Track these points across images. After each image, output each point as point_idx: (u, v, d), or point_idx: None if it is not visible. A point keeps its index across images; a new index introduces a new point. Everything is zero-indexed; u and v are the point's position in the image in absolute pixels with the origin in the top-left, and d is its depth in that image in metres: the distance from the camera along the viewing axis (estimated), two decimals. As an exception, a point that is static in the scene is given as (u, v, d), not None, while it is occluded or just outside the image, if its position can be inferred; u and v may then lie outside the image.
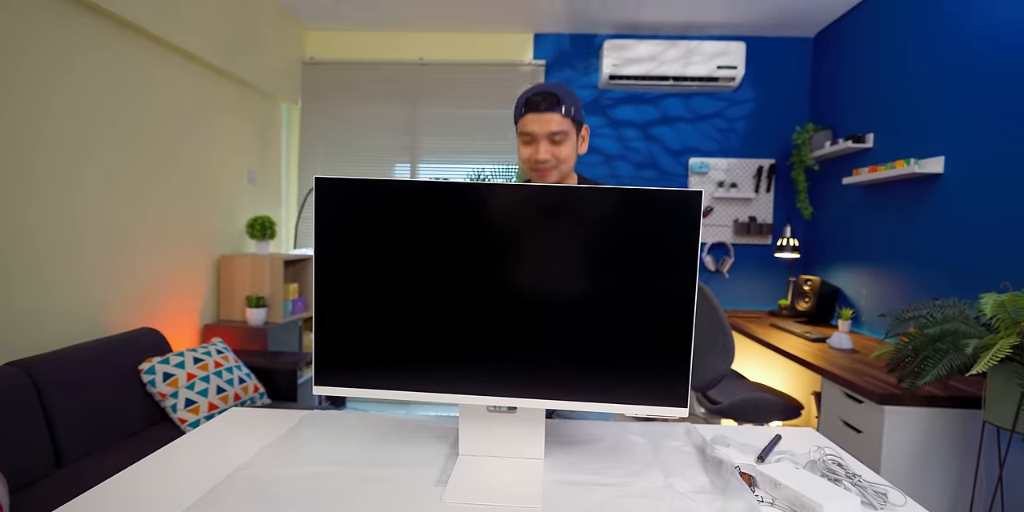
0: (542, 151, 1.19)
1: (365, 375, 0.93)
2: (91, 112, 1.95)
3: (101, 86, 1.99)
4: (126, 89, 2.10)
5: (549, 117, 1.17)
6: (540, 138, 1.19)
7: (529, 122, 1.19)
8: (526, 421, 0.97)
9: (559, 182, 1.24)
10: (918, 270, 2.29)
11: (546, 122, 1.17)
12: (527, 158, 1.21)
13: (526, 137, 1.20)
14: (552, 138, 1.18)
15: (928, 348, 1.40)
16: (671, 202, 0.86)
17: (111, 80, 2.03)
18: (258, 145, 3.10)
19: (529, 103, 1.19)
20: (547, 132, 1.18)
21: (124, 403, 1.78)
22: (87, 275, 1.94)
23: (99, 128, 1.99)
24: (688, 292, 0.88)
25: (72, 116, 1.88)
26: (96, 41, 1.96)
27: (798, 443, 1.12)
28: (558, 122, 1.18)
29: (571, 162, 1.23)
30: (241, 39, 2.73)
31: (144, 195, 2.22)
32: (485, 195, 0.89)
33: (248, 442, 1.03)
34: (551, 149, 1.19)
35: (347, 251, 0.91)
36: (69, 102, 1.86)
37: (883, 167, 2.39)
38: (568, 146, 1.20)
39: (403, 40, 3.39)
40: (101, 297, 2.00)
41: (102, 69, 1.99)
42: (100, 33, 1.98)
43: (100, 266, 2.00)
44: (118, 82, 2.06)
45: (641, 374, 0.90)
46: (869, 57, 2.72)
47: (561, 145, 1.19)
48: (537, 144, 1.19)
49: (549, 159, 1.19)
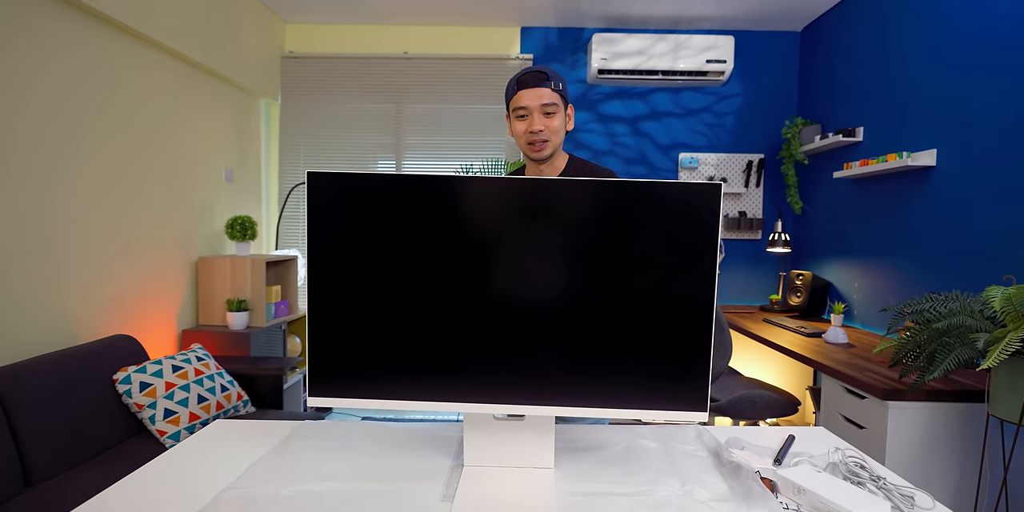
0: (536, 122, 1.26)
1: (363, 384, 0.87)
2: (61, 110, 1.84)
3: (72, 82, 1.88)
4: (97, 85, 1.99)
5: (540, 91, 1.26)
6: (534, 111, 1.26)
7: (523, 97, 1.26)
8: (535, 428, 0.91)
9: (552, 156, 1.31)
10: (911, 264, 2.29)
11: (538, 95, 1.25)
12: (522, 132, 1.28)
13: (520, 112, 1.28)
14: (544, 110, 1.26)
15: (934, 343, 1.38)
16: (689, 196, 0.81)
17: (82, 76, 1.92)
18: (236, 142, 2.99)
19: (521, 81, 1.27)
20: (540, 104, 1.25)
21: (98, 416, 1.68)
22: (55, 280, 1.83)
23: (68, 126, 1.87)
24: (707, 291, 0.83)
25: (40, 114, 1.76)
26: (67, 35, 1.85)
27: (812, 443, 1.08)
28: (549, 95, 1.26)
29: (562, 135, 1.31)
30: (218, 33, 2.62)
31: (117, 195, 2.11)
32: (491, 189, 0.83)
33: (236, 458, 0.96)
34: (544, 121, 1.26)
35: (343, 251, 0.84)
36: (37, 100, 1.75)
37: (874, 161, 2.38)
38: (559, 119, 1.28)
39: (387, 34, 3.30)
40: (71, 303, 1.89)
41: (72, 64, 1.88)
42: (71, 26, 1.86)
43: (70, 270, 1.89)
44: (89, 77, 1.95)
45: (658, 377, 0.85)
46: (857, 50, 2.72)
47: (553, 117, 1.27)
48: (531, 117, 1.27)
49: (544, 129, 1.26)
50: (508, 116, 1.34)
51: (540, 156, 1.29)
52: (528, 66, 1.25)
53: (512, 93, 1.29)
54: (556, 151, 1.32)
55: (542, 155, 1.29)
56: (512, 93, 1.29)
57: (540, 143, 1.28)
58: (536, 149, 1.28)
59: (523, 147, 1.31)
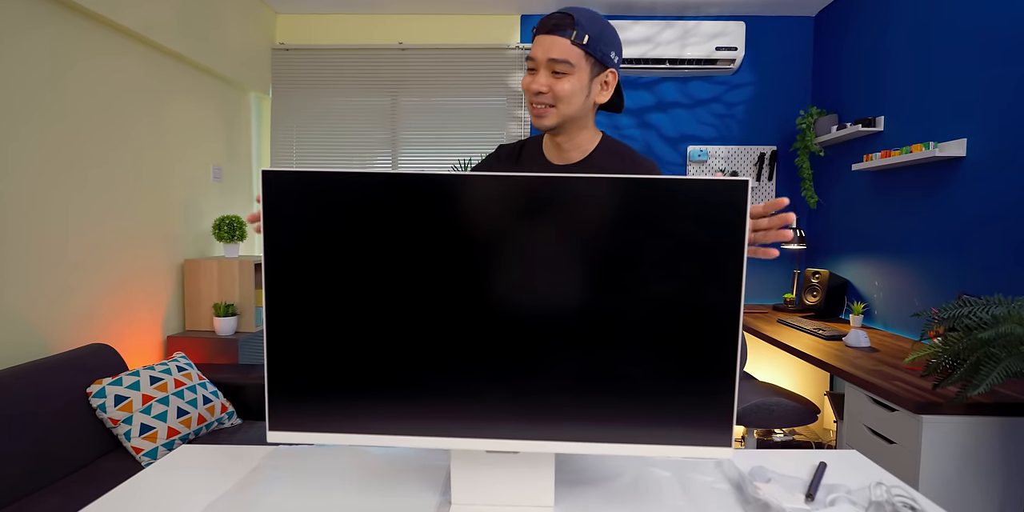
0: (540, 80, 0.98)
1: (333, 416, 0.75)
2: (27, 104, 1.72)
3: (36, 73, 1.75)
4: (67, 76, 1.87)
5: (554, 40, 0.96)
6: (541, 65, 0.98)
7: (535, 45, 0.99)
8: (532, 463, 0.79)
9: (559, 128, 1.03)
10: (938, 262, 2.14)
11: (549, 46, 0.96)
12: (525, 87, 1.02)
13: (530, 62, 1.00)
14: (553, 67, 0.97)
15: (977, 352, 1.24)
16: (710, 194, 0.68)
17: (48, 66, 1.79)
18: (224, 138, 2.87)
19: (541, 22, 0.99)
20: (547, 58, 0.96)
21: (70, 432, 1.57)
22: (23, 285, 1.72)
23: (37, 122, 1.75)
24: (732, 306, 0.70)
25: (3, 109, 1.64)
26: (29, 22, 1.72)
27: (846, 472, 0.95)
28: (562, 48, 0.96)
29: (575, 104, 1.00)
30: (203, 24, 2.49)
31: (94, 195, 1.99)
32: (475, 188, 0.70)
33: (197, 493, 0.84)
34: (550, 81, 0.98)
35: (307, 261, 0.72)
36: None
37: (897, 152, 2.24)
38: (571, 82, 0.97)
39: (381, 23, 3.16)
40: (42, 310, 1.78)
41: (37, 54, 1.75)
42: (34, 13, 1.74)
43: (39, 275, 1.77)
44: (45, 62, 1.82)
45: (675, 407, 0.73)
46: (876, 36, 2.56)
47: (563, 79, 0.97)
48: (537, 72, 0.99)
49: (546, 92, 0.98)
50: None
51: (540, 124, 1.03)
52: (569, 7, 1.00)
53: (531, 36, 1.03)
54: (568, 123, 1.03)
55: (542, 123, 1.02)
56: (531, 36, 1.03)
57: (541, 107, 1.00)
58: (536, 113, 1.02)
59: (529, 107, 1.05)
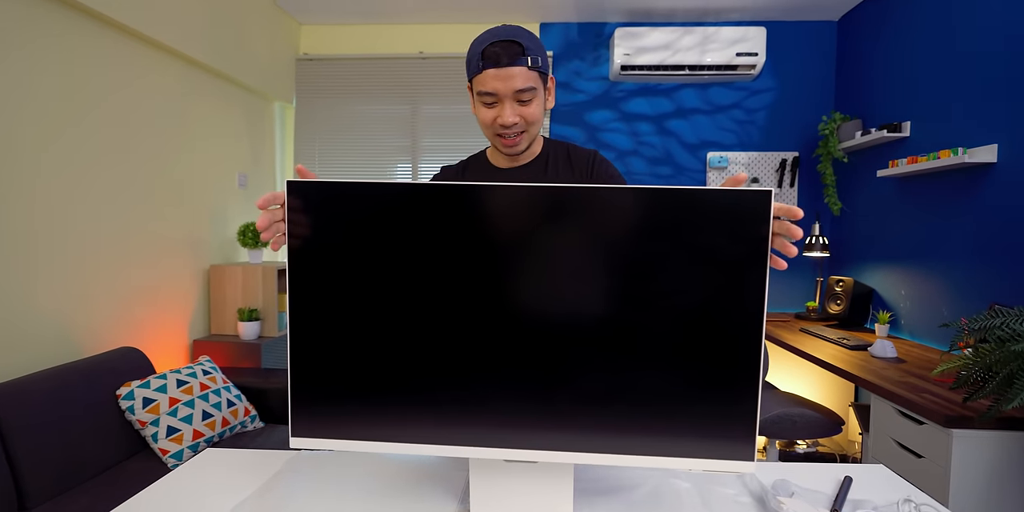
0: (508, 113, 0.98)
1: (354, 423, 0.76)
2: (61, 114, 1.78)
3: (75, 85, 1.82)
4: (101, 88, 1.93)
5: (514, 72, 0.96)
6: (505, 98, 0.98)
7: (490, 79, 0.97)
8: (551, 473, 0.79)
9: (528, 147, 1.07)
10: (968, 271, 2.09)
11: (510, 78, 0.96)
12: (490, 122, 1.01)
13: (487, 97, 0.99)
14: (519, 97, 0.98)
15: (1011, 365, 1.21)
16: (733, 204, 0.68)
17: (85, 79, 1.86)
18: (250, 147, 2.93)
19: (488, 55, 0.96)
20: (513, 90, 0.97)
21: (99, 434, 1.61)
22: (57, 290, 1.78)
23: (71, 131, 1.82)
24: (754, 318, 0.69)
25: (38, 118, 1.71)
26: (68, 36, 1.79)
27: (873, 487, 0.93)
28: (524, 77, 0.97)
29: (541, 123, 1.05)
30: (230, 36, 2.56)
31: (125, 202, 2.05)
32: (495, 198, 0.71)
33: (220, 496, 0.87)
34: (519, 110, 0.99)
35: (329, 271, 0.73)
36: (38, 103, 1.69)
37: (924, 158, 2.19)
38: (537, 105, 1.01)
39: (402, 33, 3.21)
40: (74, 315, 1.83)
41: (73, 67, 1.82)
42: (72, 28, 1.81)
43: (73, 280, 1.83)
44: (92, 80, 1.89)
45: (694, 420, 0.72)
46: (903, 39, 2.52)
47: (529, 104, 0.99)
48: (502, 105, 0.99)
49: (518, 121, 1.00)
50: (470, 89, 1.04)
51: (514, 152, 1.05)
52: (495, 27, 1.01)
53: (475, 70, 0.98)
54: (534, 139, 1.08)
55: (516, 150, 1.05)
56: (475, 70, 0.98)
57: (514, 137, 1.02)
58: (508, 144, 1.03)
59: (490, 138, 1.06)
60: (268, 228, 0.73)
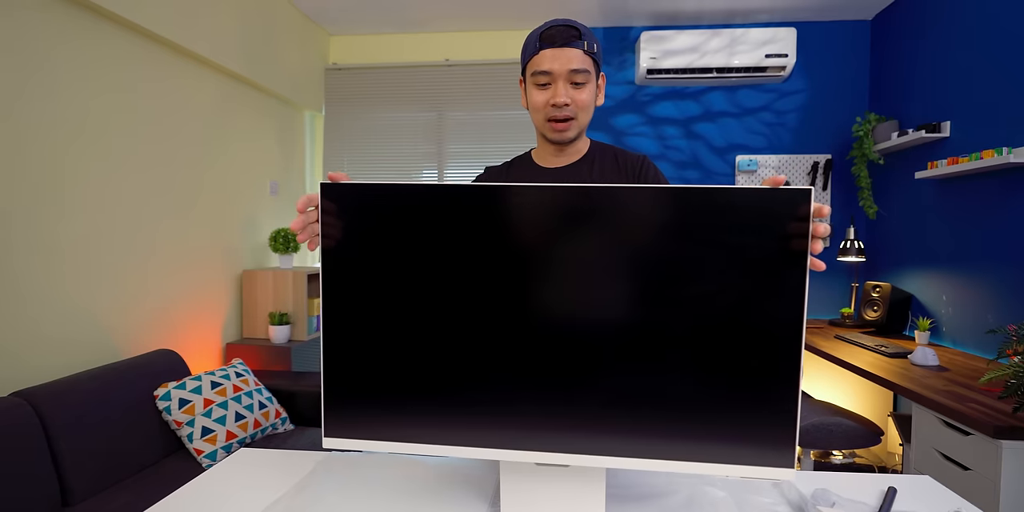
0: (561, 92, 0.99)
1: (386, 424, 0.76)
2: (102, 123, 1.86)
3: (120, 99, 1.90)
4: (144, 100, 2.01)
5: (570, 53, 0.98)
6: (559, 78, 0.99)
7: (546, 59, 0.99)
8: (582, 477, 0.78)
9: (576, 139, 1.07)
10: (1014, 275, 2.00)
11: (567, 58, 0.98)
12: (542, 105, 1.01)
13: (541, 77, 1.00)
14: (573, 78, 0.99)
15: (1065, 374, 1.15)
16: (771, 203, 0.67)
17: (130, 92, 1.94)
18: (281, 155, 3.00)
19: (545, 37, 0.99)
20: (568, 70, 0.98)
21: (138, 433, 1.66)
22: (98, 294, 1.84)
23: (110, 140, 1.90)
24: (795, 321, 0.68)
25: (80, 127, 1.79)
26: (110, 49, 1.87)
27: (918, 498, 0.89)
28: (581, 59, 0.98)
29: (590, 113, 1.04)
30: (262, 47, 2.64)
31: (161, 209, 2.12)
32: (529, 199, 0.71)
33: (254, 495, 0.88)
34: (571, 92, 1.00)
35: (362, 273, 0.74)
36: (86, 116, 1.77)
37: (966, 158, 2.11)
38: (589, 92, 1.01)
39: (428, 41, 3.26)
40: (114, 318, 1.90)
41: (116, 78, 1.90)
42: (114, 41, 1.89)
43: (112, 284, 1.90)
44: (136, 93, 1.97)
45: (731, 425, 0.70)
46: (940, 38, 2.44)
47: (582, 89, 1.00)
48: (556, 86, 0.99)
49: (570, 103, 1.00)
50: (523, 81, 1.06)
51: (563, 138, 1.04)
52: (555, 18, 1.04)
53: (532, 52, 1.01)
54: (582, 132, 1.06)
55: (565, 136, 1.03)
56: (532, 52, 1.01)
57: (564, 121, 1.01)
58: (558, 129, 1.02)
59: (540, 125, 1.04)
60: (303, 230, 0.75)
